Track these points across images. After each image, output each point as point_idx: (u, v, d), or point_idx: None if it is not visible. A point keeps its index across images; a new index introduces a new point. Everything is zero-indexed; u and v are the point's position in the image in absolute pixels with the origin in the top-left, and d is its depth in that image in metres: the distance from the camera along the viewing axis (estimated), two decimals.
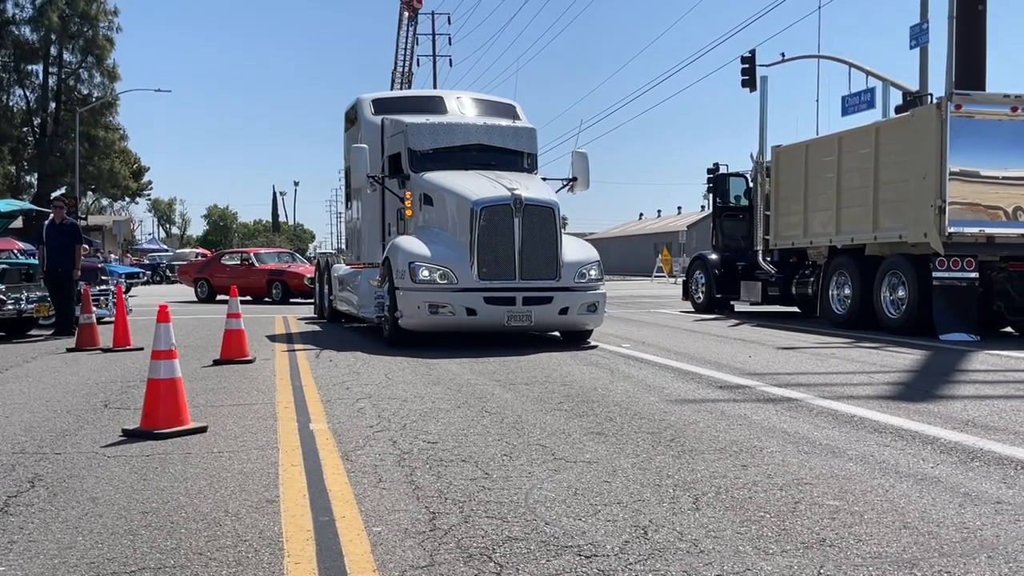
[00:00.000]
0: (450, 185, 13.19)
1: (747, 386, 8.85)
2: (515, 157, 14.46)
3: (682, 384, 9.02)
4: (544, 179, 14.43)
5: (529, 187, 12.98)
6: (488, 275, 12.32)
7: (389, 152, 14.47)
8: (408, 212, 13.60)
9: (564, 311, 12.47)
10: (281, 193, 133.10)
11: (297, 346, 13.19)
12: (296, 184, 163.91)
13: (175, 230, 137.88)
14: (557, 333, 13.64)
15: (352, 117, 16.83)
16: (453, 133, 14.24)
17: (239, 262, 29.22)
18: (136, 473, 5.45)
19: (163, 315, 6.80)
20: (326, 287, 18.53)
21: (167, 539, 4.16)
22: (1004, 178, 13.96)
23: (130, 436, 6.50)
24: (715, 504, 4.64)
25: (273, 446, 6.21)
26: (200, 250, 67.37)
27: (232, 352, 11.05)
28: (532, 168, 14.59)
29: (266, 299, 27.53)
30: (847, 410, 7.40)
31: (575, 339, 13.19)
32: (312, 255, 53.13)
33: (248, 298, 26.87)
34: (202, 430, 6.66)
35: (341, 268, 17.55)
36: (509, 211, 12.41)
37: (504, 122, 14.89)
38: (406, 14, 53.93)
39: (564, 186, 14.60)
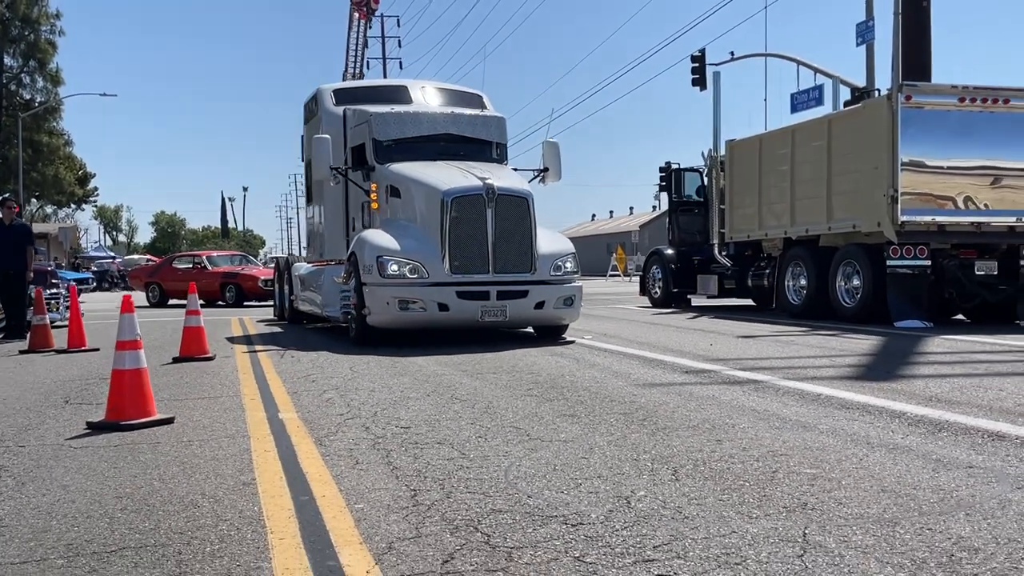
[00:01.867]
0: (418, 176, 12.69)
1: (712, 370, 8.92)
2: (484, 147, 13.97)
3: (648, 370, 9.07)
4: (515, 170, 14.02)
5: (501, 177, 12.54)
6: (460, 269, 11.83)
7: (352, 143, 13.93)
8: (374, 205, 13.11)
9: (540, 305, 12.06)
10: (230, 199, 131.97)
11: (258, 347, 12.84)
12: (245, 190, 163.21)
13: (122, 237, 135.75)
14: (531, 330, 13.22)
15: (312, 108, 16.22)
16: (419, 123, 13.72)
17: (191, 265, 28.81)
18: (106, 462, 5.35)
19: (127, 305, 6.69)
20: (286, 287, 17.87)
21: (145, 520, 4.09)
22: (953, 168, 14.21)
23: (95, 428, 6.38)
24: (694, 475, 4.66)
25: (243, 434, 6.13)
26: (150, 256, 66.40)
27: (192, 350, 10.90)
28: (502, 158, 14.14)
29: (219, 303, 27.17)
30: (813, 389, 7.49)
31: (550, 335, 12.72)
32: (264, 260, 52.59)
33: (201, 302, 26.46)
34: (169, 421, 6.56)
35: (302, 267, 16.92)
36: (481, 201, 11.92)
37: (472, 111, 14.41)
38: (356, 15, 53.64)
39: (535, 177, 14.15)
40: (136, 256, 72.37)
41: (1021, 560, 3.31)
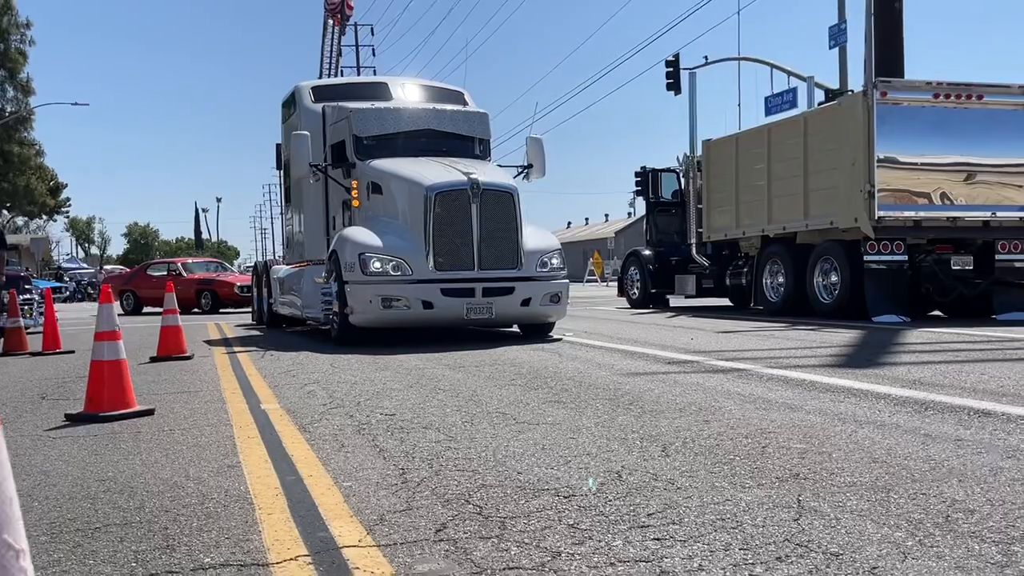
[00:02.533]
0: (401, 171, 12.41)
1: (695, 360, 8.92)
2: (467, 143, 13.70)
3: (631, 361, 9.05)
4: (499, 166, 13.78)
5: (486, 172, 12.33)
6: (445, 265, 11.56)
7: (332, 141, 13.61)
8: (355, 203, 12.78)
9: (526, 302, 11.82)
10: (203, 210, 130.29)
11: (237, 348, 12.63)
12: (219, 200, 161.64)
13: (94, 249, 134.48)
14: (516, 329, 13.06)
15: (290, 107, 15.83)
16: (401, 118, 13.44)
17: (166, 272, 28.56)
18: (86, 450, 5.26)
19: (106, 295, 6.61)
20: (265, 291, 17.54)
21: (128, 500, 4.01)
22: (928, 164, 14.32)
23: (74, 420, 6.29)
24: (684, 452, 4.64)
25: (226, 423, 6.05)
26: (122, 268, 65.81)
27: (170, 349, 10.78)
28: (485, 155, 13.88)
29: (195, 309, 26.91)
30: (796, 376, 7.49)
31: (537, 333, 12.48)
32: (240, 269, 52.19)
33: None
34: (149, 412, 6.46)
35: (281, 269, 16.58)
36: (466, 196, 11.64)
37: (454, 107, 14.17)
38: (331, 22, 53.51)
39: (519, 173, 13.78)
40: (110, 267, 71.65)
41: (1017, 519, 3.30)
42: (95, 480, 4.44)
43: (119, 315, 26.79)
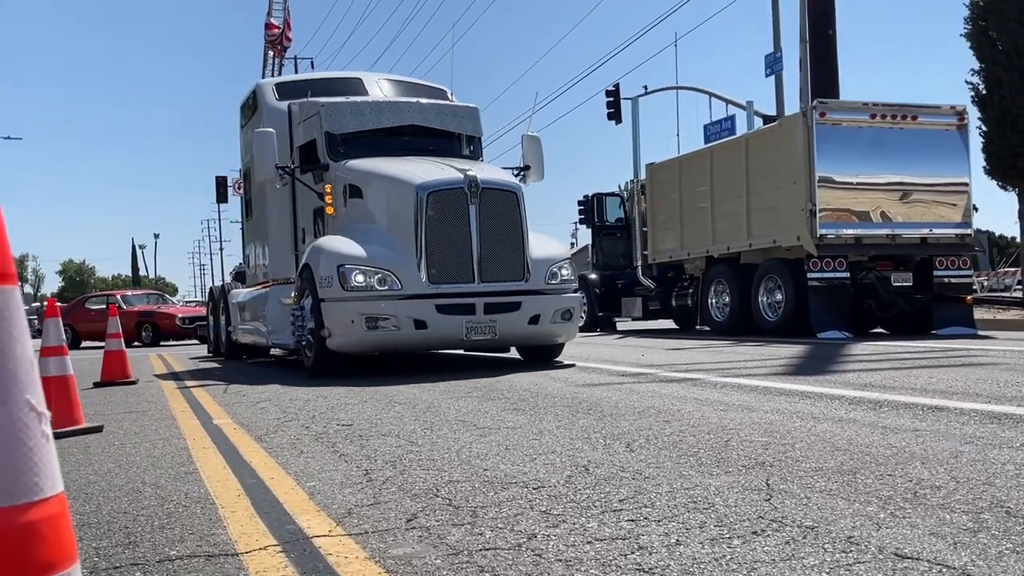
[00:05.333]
0: (384, 170, 10.72)
1: (649, 372, 8.95)
2: (456, 141, 12.08)
3: (585, 375, 9.06)
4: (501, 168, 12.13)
5: (484, 169, 10.78)
6: (440, 278, 9.86)
7: (300, 141, 11.86)
8: (329, 209, 11.01)
9: (535, 319, 10.14)
10: (141, 246, 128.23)
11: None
12: (156, 236, 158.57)
13: (28, 288, 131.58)
14: (515, 353, 11.56)
15: (251, 107, 13.95)
16: (380, 112, 11.67)
17: (105, 305, 27.95)
18: None
19: (52, 309, 6.45)
20: (222, 318, 15.70)
21: (84, 505, 3.89)
22: (867, 183, 14.62)
23: None
24: (648, 447, 4.63)
25: (179, 437, 5.92)
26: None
27: (114, 373, 10.54)
28: (476, 154, 12.22)
29: (136, 343, 26.37)
30: (750, 383, 7.56)
31: (542, 358, 10.88)
32: (181, 301, 51.35)
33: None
34: (98, 429, 6.31)
35: (241, 293, 14.63)
36: (463, 197, 9.96)
37: (440, 101, 12.63)
38: (271, 54, 53.32)
39: (515, 176, 11.95)
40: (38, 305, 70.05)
41: (983, 493, 3.35)
42: None
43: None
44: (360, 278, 9.76)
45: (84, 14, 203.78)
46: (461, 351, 12.29)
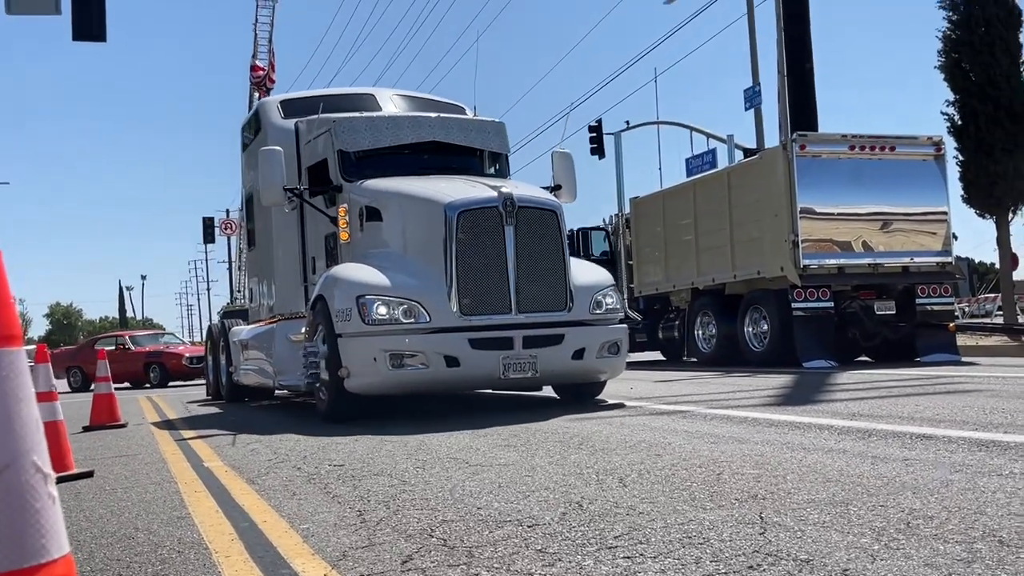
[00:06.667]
0: (407, 189, 9.57)
1: (638, 405, 8.94)
2: (481, 159, 10.95)
3: (575, 409, 9.03)
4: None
5: (519, 186, 9.50)
6: (473, 308, 8.70)
7: (309, 162, 10.71)
8: (343, 235, 9.82)
9: (579, 354, 9.00)
10: (128, 288, 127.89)
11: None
12: (143, 278, 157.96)
13: None
14: (549, 391, 10.53)
15: (254, 128, 12.69)
16: (399, 128, 10.43)
17: (114, 347, 27.72)
18: None
19: (42, 355, 6.40)
20: (222, 358, 14.52)
21: (77, 552, 3.84)
22: (848, 213, 14.73)
23: None
24: (640, 482, 4.62)
25: (170, 481, 5.86)
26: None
27: (103, 417, 10.44)
28: (503, 173, 11.03)
29: (146, 384, 26.12)
30: (739, 414, 7.56)
31: (582, 396, 9.82)
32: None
33: (127, 384, 25.64)
34: (88, 475, 6.24)
35: (243, 330, 13.37)
36: (497, 217, 8.81)
37: (463, 116, 11.51)
38: (257, 95, 53.51)
39: None
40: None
41: (975, 522, 3.34)
42: None
43: (66, 392, 25.59)
44: (383, 310, 8.60)
45: (69, 56, 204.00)
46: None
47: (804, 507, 3.77)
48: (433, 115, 10.86)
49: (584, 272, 9.65)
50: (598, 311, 9.25)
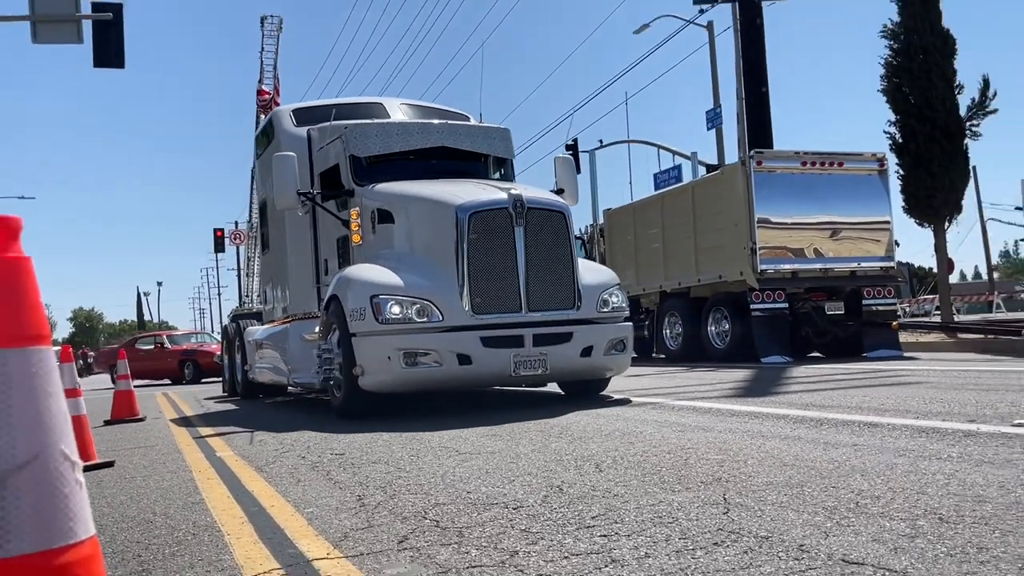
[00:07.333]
0: (419, 192, 9.24)
1: (617, 399, 8.94)
2: (487, 165, 10.57)
3: (553, 403, 9.03)
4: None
5: (528, 189, 9.11)
6: (485, 307, 8.34)
7: (321, 168, 10.40)
8: (356, 237, 9.50)
9: (587, 351, 8.63)
10: (145, 293, 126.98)
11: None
12: (159, 284, 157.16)
13: None
14: (555, 387, 10.09)
15: (267, 136, 12.30)
16: (408, 134, 10.13)
17: (152, 346, 27.59)
18: None
19: (66, 355, 6.35)
20: (237, 356, 14.10)
21: (99, 535, 3.72)
22: (801, 223, 14.80)
23: None
24: (615, 467, 4.62)
25: (185, 469, 5.83)
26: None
27: (123, 412, 10.37)
28: (508, 177, 10.64)
29: (183, 381, 25.94)
30: (703, 406, 7.57)
31: (588, 392, 9.42)
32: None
33: (167, 381, 25.55)
34: (109, 464, 6.19)
35: (258, 330, 13.02)
36: (507, 218, 8.49)
37: (469, 123, 11.26)
38: (263, 116, 53.34)
39: None
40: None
41: (917, 502, 3.36)
42: None
43: (109, 388, 25.34)
44: (396, 309, 8.23)
45: (91, 82, 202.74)
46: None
47: (763, 489, 3.78)
48: (441, 121, 10.64)
49: (591, 271, 9.31)
50: (605, 309, 8.93)
